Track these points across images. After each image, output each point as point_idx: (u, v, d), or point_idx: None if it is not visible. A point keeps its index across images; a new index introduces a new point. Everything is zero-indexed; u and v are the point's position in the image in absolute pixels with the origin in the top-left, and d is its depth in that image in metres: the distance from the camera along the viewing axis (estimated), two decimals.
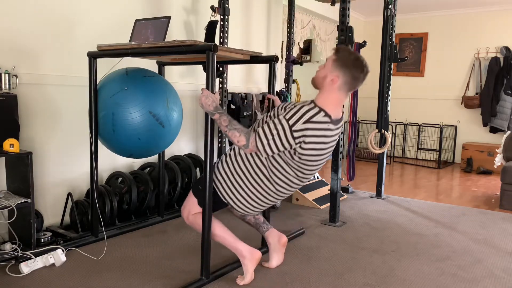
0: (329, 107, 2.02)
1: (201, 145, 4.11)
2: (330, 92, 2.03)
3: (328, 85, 2.03)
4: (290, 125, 1.95)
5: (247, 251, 2.23)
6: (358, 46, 3.51)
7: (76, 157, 3.04)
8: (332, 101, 2.03)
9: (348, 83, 2.02)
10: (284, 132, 1.96)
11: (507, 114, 6.12)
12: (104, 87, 2.55)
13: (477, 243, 2.98)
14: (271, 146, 1.99)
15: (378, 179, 4.25)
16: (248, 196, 2.18)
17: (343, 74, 2.00)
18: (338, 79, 2.00)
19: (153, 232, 2.98)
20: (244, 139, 2.02)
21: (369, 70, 2.04)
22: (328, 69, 2.04)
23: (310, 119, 1.95)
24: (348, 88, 2.04)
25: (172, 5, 3.66)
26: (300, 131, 1.94)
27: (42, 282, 2.16)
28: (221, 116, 2.07)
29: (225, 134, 2.07)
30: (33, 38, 2.72)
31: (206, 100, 2.07)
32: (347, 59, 2.00)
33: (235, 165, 2.16)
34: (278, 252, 2.43)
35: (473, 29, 6.52)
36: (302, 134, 1.95)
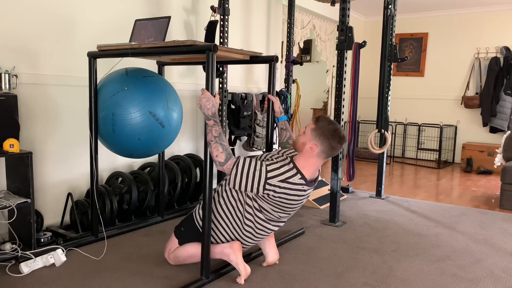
0: (306, 170, 2.16)
1: (201, 145, 4.11)
2: (309, 158, 2.17)
3: (307, 152, 2.17)
4: (266, 177, 2.08)
5: (226, 248, 2.26)
6: (358, 46, 3.51)
7: (76, 157, 3.04)
8: (310, 165, 2.18)
9: (325, 152, 2.16)
10: (259, 178, 2.08)
11: (507, 114, 6.12)
12: (104, 87, 2.55)
13: (477, 243, 2.98)
14: (241, 179, 2.10)
15: (378, 179, 4.25)
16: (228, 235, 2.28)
17: (321, 143, 2.14)
18: (316, 148, 2.15)
19: (153, 232, 2.98)
20: (224, 158, 2.09)
21: (346, 141, 2.20)
22: (307, 137, 2.18)
23: (286, 179, 2.10)
24: (326, 156, 2.18)
25: (172, 5, 3.66)
26: (272, 186, 2.09)
27: (42, 282, 2.16)
28: (214, 125, 2.09)
29: (209, 143, 2.10)
30: (33, 38, 2.72)
31: (207, 103, 2.07)
32: (326, 129, 2.14)
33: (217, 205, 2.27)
34: (270, 246, 2.44)
35: (473, 29, 6.52)
36: (273, 190, 2.09)
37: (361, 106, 7.57)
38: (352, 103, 3.69)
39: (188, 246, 2.32)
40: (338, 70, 3.21)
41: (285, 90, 4.43)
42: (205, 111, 2.09)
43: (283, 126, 2.67)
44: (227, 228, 2.26)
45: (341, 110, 3.23)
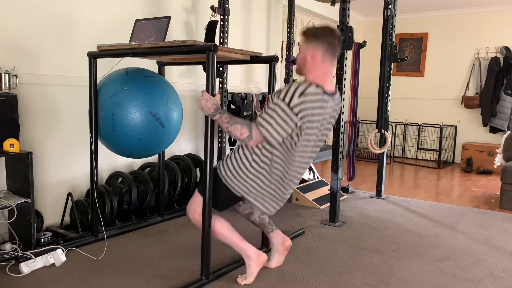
0: (319, 81, 2.06)
1: (201, 145, 4.11)
2: (315, 68, 2.07)
3: (310, 63, 2.07)
4: (287, 103, 1.95)
5: (253, 253, 2.23)
6: (358, 46, 3.51)
7: (76, 157, 3.04)
8: (320, 75, 2.07)
9: (327, 51, 2.05)
10: (285, 112, 1.95)
11: (507, 114, 6.12)
12: (104, 87, 2.55)
13: (477, 243, 2.98)
14: (277, 130, 1.97)
15: (378, 179, 4.25)
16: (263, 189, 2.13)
17: (320, 45, 2.04)
18: (317, 52, 2.05)
19: (153, 232, 2.98)
20: (247, 130, 2.00)
21: (340, 34, 2.08)
22: (304, 50, 2.08)
23: (304, 91, 1.96)
24: (329, 56, 2.07)
25: (172, 5, 3.66)
26: (298, 106, 1.95)
27: (42, 282, 2.16)
28: (221, 115, 2.06)
29: (228, 131, 2.04)
30: (33, 38, 2.72)
31: (207, 104, 2.07)
32: (316, 32, 2.06)
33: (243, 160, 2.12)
34: (280, 254, 2.42)
35: (473, 29, 6.52)
36: (301, 108, 1.95)
37: (361, 106, 7.57)
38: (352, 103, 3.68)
39: (216, 223, 2.21)
40: (338, 70, 3.21)
41: None
42: (206, 110, 2.08)
43: None
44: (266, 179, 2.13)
45: (341, 110, 3.23)
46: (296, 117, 1.95)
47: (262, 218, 2.45)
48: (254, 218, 2.46)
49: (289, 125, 1.97)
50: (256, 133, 2.00)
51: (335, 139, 3.23)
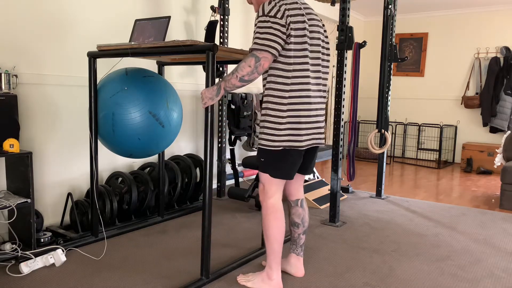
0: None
1: (201, 145, 4.11)
2: None
3: None
4: (268, 15, 1.94)
5: (276, 277, 2.14)
6: (358, 46, 3.51)
7: (76, 157, 3.04)
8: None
9: None
10: (266, 21, 1.93)
11: (507, 114, 6.12)
12: (104, 87, 2.55)
13: (477, 243, 2.98)
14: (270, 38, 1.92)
15: (378, 179, 4.25)
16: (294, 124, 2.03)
17: None
18: None
19: (153, 232, 2.98)
20: (251, 57, 1.93)
21: None
22: None
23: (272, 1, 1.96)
24: None
25: (172, 5, 3.66)
26: (273, 9, 1.94)
27: (42, 282, 2.16)
28: (224, 80, 2.00)
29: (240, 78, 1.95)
30: (33, 38, 2.72)
31: (207, 93, 2.04)
32: None
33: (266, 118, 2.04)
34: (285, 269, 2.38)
35: (473, 29, 6.52)
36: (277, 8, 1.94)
37: (361, 106, 7.57)
38: (352, 103, 3.68)
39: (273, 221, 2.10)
40: (338, 70, 3.21)
41: None
42: (212, 94, 2.03)
43: None
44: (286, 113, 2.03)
45: (341, 110, 3.23)
46: (283, 20, 1.93)
47: (301, 238, 2.34)
48: (296, 231, 2.33)
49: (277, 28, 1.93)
50: (258, 51, 1.93)
51: (335, 139, 3.23)
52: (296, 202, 2.30)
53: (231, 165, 4.03)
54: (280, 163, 2.07)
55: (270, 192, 2.11)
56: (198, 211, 3.52)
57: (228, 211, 3.55)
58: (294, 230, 2.33)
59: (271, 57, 1.95)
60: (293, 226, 2.33)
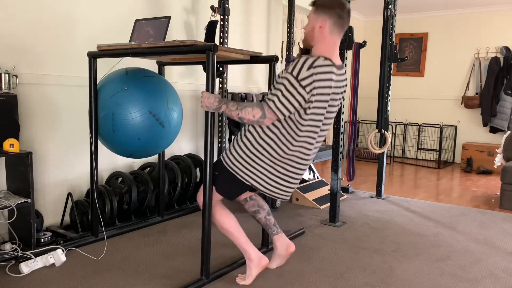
0: (327, 53, 2.03)
1: (201, 145, 4.11)
2: (323, 40, 2.03)
3: (318, 34, 2.03)
4: (295, 77, 1.92)
5: (255, 256, 2.22)
6: (358, 46, 3.51)
7: (76, 157, 3.04)
8: (328, 46, 2.03)
9: (335, 23, 2.02)
10: (293, 86, 1.92)
11: (507, 114, 6.12)
12: (104, 87, 2.55)
13: (477, 243, 2.98)
14: (285, 104, 1.93)
15: (378, 179, 4.25)
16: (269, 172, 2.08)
17: (328, 16, 2.01)
18: (326, 23, 2.01)
19: (153, 232, 2.98)
20: (259, 110, 1.96)
21: (349, 7, 2.05)
22: (313, 20, 2.05)
23: (312, 64, 1.92)
24: (338, 29, 2.03)
25: (172, 5, 3.66)
26: (307, 78, 1.91)
27: (42, 282, 2.16)
28: (227, 105, 2.02)
29: (239, 118, 1.99)
30: (33, 38, 2.72)
31: (209, 100, 2.05)
32: (325, 2, 2.03)
33: (247, 144, 2.08)
34: (281, 258, 2.41)
35: (473, 29, 6.52)
36: (311, 81, 1.92)
37: (361, 106, 7.57)
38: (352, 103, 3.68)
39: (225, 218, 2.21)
40: None
41: None
42: (211, 106, 2.06)
43: None
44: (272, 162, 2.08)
45: (341, 110, 3.23)
46: (304, 91, 1.92)
47: (268, 219, 2.41)
48: (260, 217, 2.41)
49: (296, 99, 1.92)
50: (269, 111, 1.95)
51: (335, 139, 3.23)
52: (245, 200, 2.41)
53: None
54: (230, 187, 2.19)
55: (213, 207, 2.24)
56: (198, 211, 3.52)
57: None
58: (258, 217, 2.41)
59: (276, 119, 1.99)
60: (255, 215, 2.41)
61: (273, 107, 1.93)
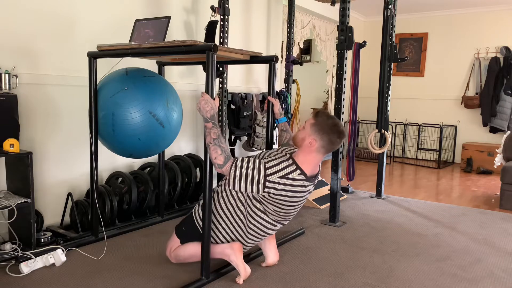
0: (306, 166, 2.15)
1: (201, 145, 4.11)
2: (308, 153, 2.16)
3: (306, 147, 2.15)
4: (266, 174, 2.07)
5: (227, 248, 2.26)
6: (358, 46, 3.51)
7: (76, 157, 3.04)
8: (310, 161, 2.16)
9: (324, 147, 2.15)
10: (259, 176, 2.07)
11: (507, 114, 6.12)
12: (104, 87, 2.55)
13: (477, 243, 2.98)
14: (241, 180, 2.09)
15: (378, 179, 4.25)
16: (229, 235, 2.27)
17: (321, 138, 2.13)
18: (316, 142, 2.13)
19: (153, 232, 2.98)
20: (222, 160, 2.09)
21: (345, 136, 2.17)
22: (307, 132, 2.16)
23: (286, 175, 2.08)
24: (325, 151, 2.16)
25: (172, 5, 3.66)
26: (272, 183, 2.07)
27: (42, 282, 2.16)
28: (213, 127, 2.10)
29: (208, 145, 2.10)
30: (33, 38, 2.72)
31: (205, 106, 2.08)
32: (325, 124, 2.13)
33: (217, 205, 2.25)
34: (270, 247, 2.43)
35: (473, 29, 6.52)
36: (273, 187, 2.07)
37: (361, 106, 7.56)
38: (352, 103, 3.68)
39: (189, 245, 2.32)
40: (338, 70, 3.21)
41: (285, 90, 4.43)
42: (203, 113, 2.09)
43: (283, 128, 2.67)
44: (228, 228, 2.26)
45: (341, 110, 3.23)
46: (263, 189, 2.08)
47: None
48: None
49: (252, 187, 2.09)
50: (226, 170, 2.10)
51: None
52: None
53: None
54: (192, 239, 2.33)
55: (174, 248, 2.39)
56: None
57: None
58: None
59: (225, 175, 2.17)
60: None
61: (232, 172, 2.11)
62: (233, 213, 2.22)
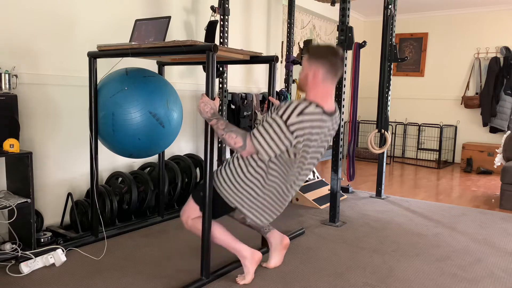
0: (319, 100, 2.06)
1: (201, 145, 4.11)
2: (316, 87, 2.07)
3: (312, 82, 2.08)
4: (284, 121, 1.96)
5: (247, 252, 2.23)
6: (358, 46, 3.51)
7: (76, 157, 3.04)
8: (321, 94, 2.07)
9: (329, 71, 2.06)
10: (280, 129, 1.97)
11: (507, 114, 6.12)
12: (104, 87, 2.55)
13: (477, 243, 2.98)
14: (270, 145, 2.00)
15: (378, 179, 4.25)
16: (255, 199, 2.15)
17: (322, 65, 2.05)
18: (319, 72, 2.05)
19: (153, 232, 2.98)
20: (241, 140, 2.03)
21: (343, 54, 2.09)
22: (306, 67, 2.09)
23: (303, 111, 1.97)
24: (331, 76, 2.07)
25: (172, 5, 3.66)
26: (295, 124, 1.96)
27: (42, 282, 2.16)
28: (218, 121, 2.08)
29: (222, 138, 2.07)
30: (33, 38, 2.72)
31: (205, 107, 2.08)
32: (319, 50, 2.07)
33: (237, 170, 2.15)
34: (278, 253, 2.42)
35: (473, 29, 6.52)
36: (298, 127, 1.97)
37: (361, 106, 7.57)
38: (352, 103, 3.68)
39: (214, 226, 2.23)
40: None
41: (285, 90, 4.43)
42: (204, 114, 2.09)
43: None
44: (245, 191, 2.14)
45: (341, 110, 3.23)
46: (292, 136, 1.98)
47: None
48: (249, 222, 2.39)
49: (283, 143, 1.99)
50: (250, 145, 2.03)
51: (335, 139, 3.23)
52: None
53: None
54: (215, 207, 2.20)
55: (192, 217, 2.26)
56: None
57: None
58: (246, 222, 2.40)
59: (255, 153, 2.07)
60: (243, 221, 2.40)
61: (257, 145, 2.02)
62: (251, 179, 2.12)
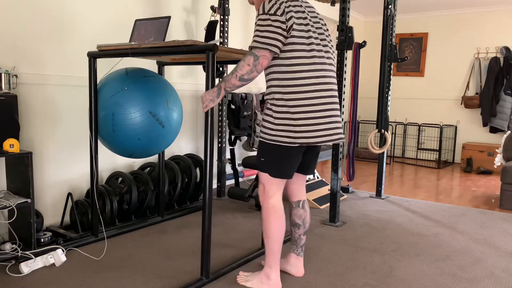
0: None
1: (201, 145, 4.11)
2: None
3: None
4: (266, 13, 1.93)
5: (275, 279, 2.15)
6: (358, 46, 3.51)
7: (76, 157, 3.04)
8: None
9: None
10: (269, 19, 1.92)
11: (507, 114, 6.12)
12: (104, 87, 2.55)
13: (477, 243, 2.98)
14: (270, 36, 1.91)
15: (378, 179, 4.25)
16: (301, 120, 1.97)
17: None
18: None
19: (153, 232, 2.98)
20: (250, 56, 1.93)
21: None
22: None
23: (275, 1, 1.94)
24: None
25: (172, 5, 3.66)
26: (278, 10, 1.92)
27: (42, 282, 2.16)
28: (224, 81, 2.00)
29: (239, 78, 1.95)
30: (33, 38, 2.72)
31: (208, 96, 2.04)
32: None
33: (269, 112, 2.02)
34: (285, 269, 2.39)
35: (473, 29, 6.52)
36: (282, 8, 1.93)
37: (361, 106, 7.57)
38: (352, 103, 3.68)
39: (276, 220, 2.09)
40: (338, 70, 3.21)
41: None
42: (213, 96, 2.03)
43: None
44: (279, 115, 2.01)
45: (341, 110, 3.23)
46: (280, 17, 1.92)
47: (302, 238, 2.33)
48: (297, 231, 2.33)
49: (280, 28, 1.92)
50: (257, 50, 1.93)
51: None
52: (298, 203, 2.29)
53: (231, 165, 4.03)
54: (283, 161, 2.05)
55: (271, 192, 2.11)
56: (198, 211, 3.52)
57: (228, 211, 3.55)
58: (295, 230, 2.32)
59: (270, 55, 1.94)
60: (294, 227, 2.32)
61: (260, 45, 1.92)
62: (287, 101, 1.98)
